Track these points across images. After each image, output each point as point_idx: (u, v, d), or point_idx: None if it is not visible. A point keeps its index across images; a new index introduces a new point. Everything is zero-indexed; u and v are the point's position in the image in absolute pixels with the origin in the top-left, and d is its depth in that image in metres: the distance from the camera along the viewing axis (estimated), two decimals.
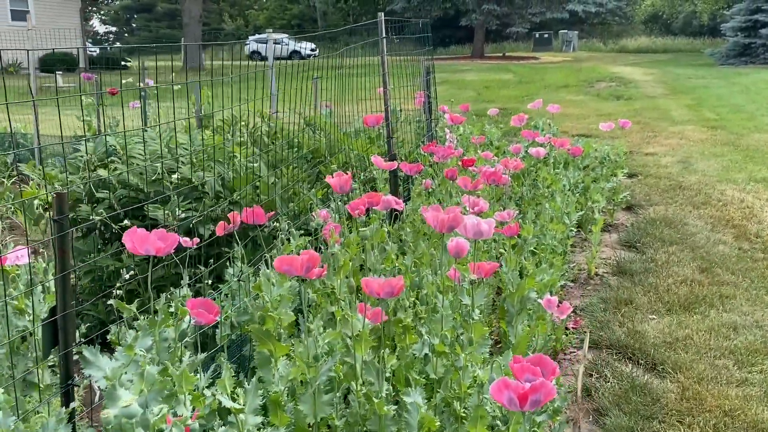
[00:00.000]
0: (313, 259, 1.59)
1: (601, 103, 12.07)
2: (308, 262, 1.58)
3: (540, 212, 3.84)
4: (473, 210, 2.75)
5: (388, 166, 2.89)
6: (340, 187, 2.16)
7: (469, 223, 1.84)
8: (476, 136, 4.91)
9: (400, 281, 1.57)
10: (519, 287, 2.36)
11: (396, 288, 1.57)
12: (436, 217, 1.77)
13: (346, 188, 2.17)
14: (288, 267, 1.58)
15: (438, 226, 1.76)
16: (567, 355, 3.18)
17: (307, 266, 1.59)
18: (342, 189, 2.17)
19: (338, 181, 2.16)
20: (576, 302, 3.77)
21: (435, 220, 1.76)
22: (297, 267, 1.58)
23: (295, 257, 1.58)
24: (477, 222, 1.83)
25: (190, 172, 3.16)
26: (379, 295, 1.57)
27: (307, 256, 1.58)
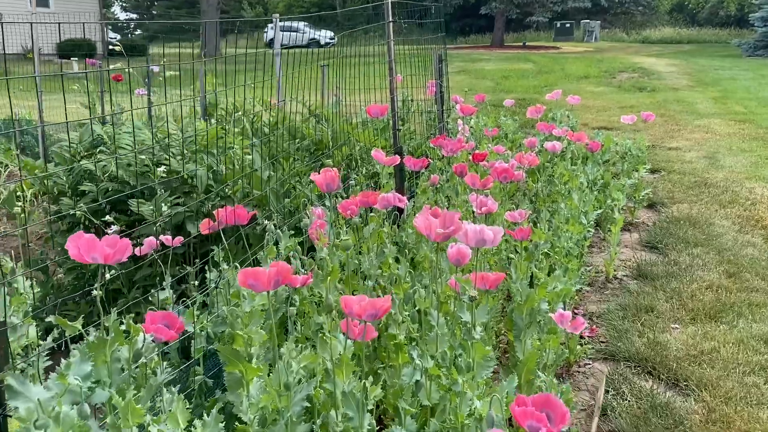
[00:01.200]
0: (283, 272, 1.38)
1: (623, 95, 11.70)
2: (277, 276, 1.36)
3: (555, 210, 3.59)
4: (481, 210, 2.52)
5: (389, 161, 2.66)
6: (326, 185, 1.94)
7: (470, 231, 1.61)
8: (490, 128, 4.66)
9: (386, 303, 1.35)
10: (528, 299, 2.13)
11: (381, 310, 1.34)
12: (429, 225, 1.54)
13: (333, 186, 1.95)
14: (253, 281, 1.37)
15: (432, 234, 1.54)
16: (581, 368, 2.94)
17: (276, 280, 1.37)
18: (329, 187, 1.95)
19: (324, 178, 1.93)
20: (592, 308, 3.52)
21: (428, 228, 1.54)
22: (263, 282, 1.36)
23: (261, 271, 1.37)
24: (479, 229, 1.60)
25: (181, 165, 2.96)
26: (361, 317, 1.34)
27: (276, 268, 1.37)
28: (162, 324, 1.59)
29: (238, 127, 4.26)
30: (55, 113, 6.78)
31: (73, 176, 3.06)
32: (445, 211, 1.61)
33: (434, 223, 1.55)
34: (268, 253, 2.12)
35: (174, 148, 3.05)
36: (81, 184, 3.05)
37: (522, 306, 2.16)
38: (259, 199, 2.87)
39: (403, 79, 5.32)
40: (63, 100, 2.14)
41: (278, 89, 5.36)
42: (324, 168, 1.97)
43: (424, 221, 1.56)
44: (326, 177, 1.93)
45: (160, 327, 1.52)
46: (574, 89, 11.96)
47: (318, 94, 5.41)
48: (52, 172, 2.97)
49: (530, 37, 32.76)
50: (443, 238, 1.56)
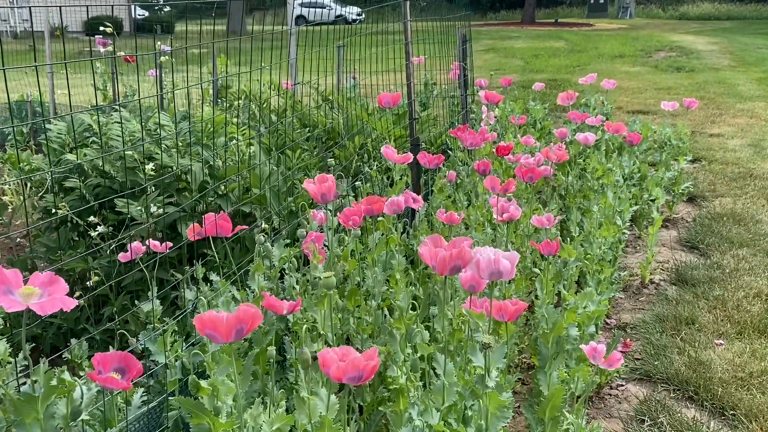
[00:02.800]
0: (246, 319, 1.11)
1: (660, 76, 11.16)
2: (238, 324, 1.10)
3: (587, 210, 3.27)
4: (503, 217, 2.22)
5: (401, 159, 2.37)
6: (321, 195, 1.66)
7: (483, 261, 1.32)
8: (517, 115, 4.31)
9: (370, 361, 1.07)
10: (555, 326, 1.84)
11: (366, 371, 1.07)
12: (434, 255, 1.26)
13: (329, 197, 1.67)
14: (211, 331, 1.11)
15: (438, 266, 1.26)
16: (613, 390, 2.64)
17: (237, 330, 1.11)
18: (324, 198, 1.67)
19: (319, 187, 1.65)
20: (626, 317, 3.20)
21: (433, 259, 1.26)
22: (222, 332, 1.10)
23: (218, 319, 1.10)
24: (494, 259, 1.31)
25: (175, 159, 2.70)
26: (341, 380, 1.07)
27: (237, 315, 1.10)
28: (117, 367, 1.34)
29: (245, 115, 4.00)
30: (72, 93, 6.60)
31: (61, 170, 2.83)
32: (454, 241, 1.32)
33: (441, 253, 1.27)
34: (255, 269, 1.86)
35: (168, 141, 2.80)
36: (67, 179, 2.82)
37: (548, 334, 1.87)
38: (258, 198, 2.61)
39: (426, 60, 5.00)
40: (82, 82, 1.92)
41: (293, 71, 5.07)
42: (320, 175, 1.69)
43: (429, 252, 1.28)
44: (321, 186, 1.65)
45: (108, 377, 1.26)
46: (608, 69, 11.47)
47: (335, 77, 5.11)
48: (36, 167, 2.74)
49: (562, 13, 31.83)
50: (452, 271, 1.28)
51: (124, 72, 6.11)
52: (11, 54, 9.89)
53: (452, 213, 2.30)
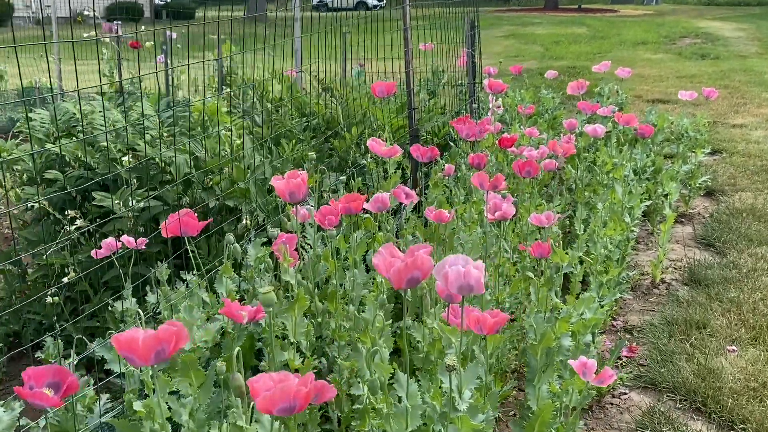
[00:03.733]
0: (168, 338, 0.99)
1: (683, 63, 10.83)
2: (159, 346, 0.98)
3: (594, 206, 3.11)
4: (494, 216, 2.07)
5: (387, 153, 2.23)
6: (289, 193, 1.53)
7: (451, 272, 1.18)
8: (526, 105, 4.14)
9: (305, 384, 0.94)
10: (543, 337, 1.70)
11: (300, 399, 0.94)
12: (389, 265, 1.12)
13: (299, 196, 1.54)
14: (127, 353, 0.99)
15: (393, 278, 1.12)
16: (615, 398, 2.49)
17: (158, 352, 0.99)
18: (293, 197, 1.54)
19: (287, 185, 1.52)
20: (633, 319, 3.04)
21: (388, 270, 1.12)
22: (140, 355, 0.98)
23: (134, 339, 0.98)
24: (464, 272, 1.17)
25: (159, 151, 2.59)
26: (270, 411, 0.95)
27: (156, 335, 0.97)
28: (50, 382, 1.23)
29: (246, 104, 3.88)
30: (80, 80, 6.53)
31: (43, 161, 2.73)
32: (412, 249, 1.19)
33: (397, 264, 1.13)
34: (223, 272, 1.74)
35: (152, 131, 2.69)
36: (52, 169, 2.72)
37: (536, 346, 1.73)
38: (243, 192, 2.49)
39: (435, 46, 4.83)
40: (93, 68, 1.86)
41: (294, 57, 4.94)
42: (291, 172, 1.56)
43: (383, 262, 1.14)
44: (290, 184, 1.52)
45: (38, 393, 1.15)
46: (629, 57, 11.18)
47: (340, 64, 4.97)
48: (17, 157, 2.65)
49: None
50: (409, 283, 1.14)
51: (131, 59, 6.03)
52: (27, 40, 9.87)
53: (441, 211, 2.16)
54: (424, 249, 1.16)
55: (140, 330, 0.99)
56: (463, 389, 1.30)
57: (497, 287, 2.20)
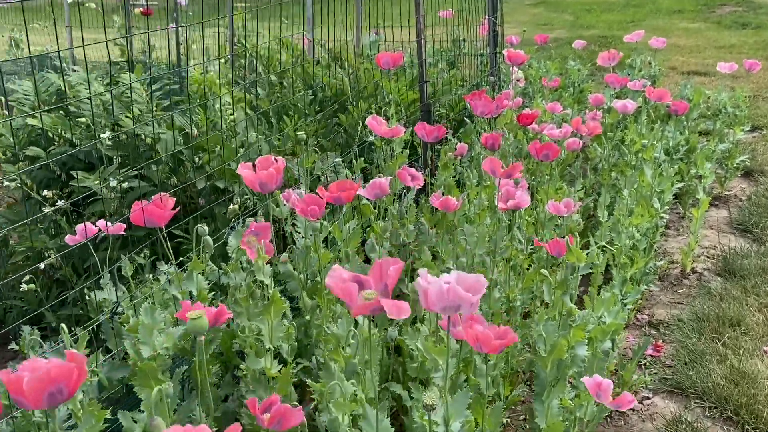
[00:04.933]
0: (63, 376, 0.80)
1: (722, 33, 10.29)
2: (52, 386, 0.79)
3: (620, 189, 2.86)
4: (506, 205, 1.85)
5: (389, 133, 2.01)
6: (260, 183, 1.32)
7: (433, 292, 0.97)
8: (551, 77, 3.86)
9: None
10: (554, 349, 1.48)
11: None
12: (344, 290, 0.91)
13: (270, 186, 1.33)
14: (15, 396, 0.80)
15: (352, 304, 0.91)
16: (637, 403, 2.27)
17: (51, 393, 0.80)
18: (264, 187, 1.33)
19: (257, 175, 1.31)
20: (660, 313, 2.81)
21: (344, 293, 0.91)
22: (30, 398, 0.79)
23: (19, 380, 0.79)
24: (447, 289, 0.96)
25: (144, 126, 2.40)
26: None
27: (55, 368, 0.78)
28: None
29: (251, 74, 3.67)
30: (89, 49, 6.36)
31: (26, 136, 2.57)
32: (379, 263, 0.98)
33: (348, 288, 0.93)
34: (192, 267, 1.56)
35: (141, 105, 2.50)
36: (36, 146, 2.56)
37: (545, 358, 1.52)
38: (233, 172, 2.30)
39: (456, 14, 4.55)
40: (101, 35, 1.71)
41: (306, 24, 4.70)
42: (264, 158, 1.36)
43: (337, 284, 0.94)
44: (261, 172, 1.31)
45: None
46: (664, 26, 10.68)
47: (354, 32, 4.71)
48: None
49: None
50: (373, 311, 0.94)
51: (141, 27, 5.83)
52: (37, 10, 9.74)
53: (448, 198, 1.94)
54: (394, 266, 0.95)
55: (41, 363, 0.81)
56: (451, 421, 1.10)
57: (508, 283, 1.98)
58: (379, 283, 1.00)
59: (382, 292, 1.00)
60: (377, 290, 1.00)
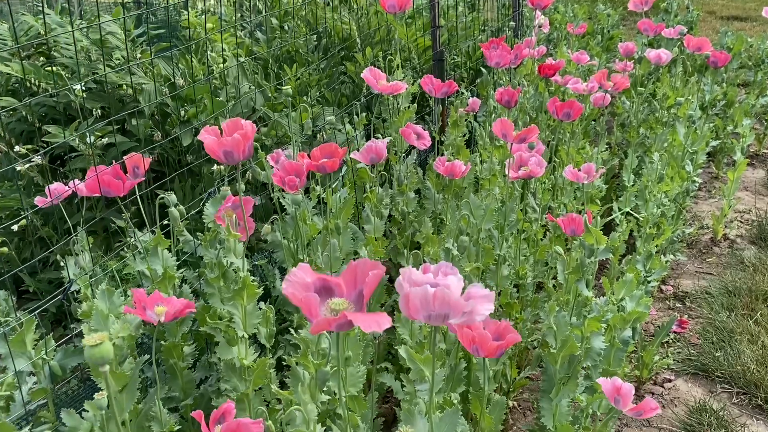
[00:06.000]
0: None
1: None
2: None
3: (649, 150, 2.61)
4: (517, 174, 1.63)
5: (388, 89, 1.78)
6: (224, 153, 1.12)
7: (416, 296, 0.78)
8: (578, 23, 3.54)
9: None
10: (565, 344, 1.29)
11: None
12: (304, 302, 0.72)
13: (237, 156, 1.13)
14: None
15: (313, 319, 0.72)
16: (657, 386, 2.09)
17: None
18: (230, 157, 1.13)
19: (221, 142, 1.10)
20: (687, 284, 2.60)
21: (304, 305, 0.72)
22: None
23: None
24: (433, 294, 0.77)
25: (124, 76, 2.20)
26: None
27: None
28: None
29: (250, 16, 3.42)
30: None
31: (3, 84, 2.38)
32: (353, 266, 0.78)
33: (307, 299, 0.73)
34: (156, 242, 1.38)
35: (121, 51, 2.29)
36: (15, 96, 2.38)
37: (555, 354, 1.33)
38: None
39: None
40: None
41: None
42: (232, 120, 1.15)
43: (294, 294, 0.75)
44: (225, 141, 1.10)
45: None
46: None
47: None
48: None
49: None
50: (339, 327, 0.75)
51: None
52: None
53: (455, 163, 1.73)
54: (373, 270, 0.75)
55: None
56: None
57: (518, 258, 1.78)
58: (352, 290, 0.81)
59: (354, 302, 0.81)
60: (349, 299, 0.81)
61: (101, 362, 0.64)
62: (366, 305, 0.78)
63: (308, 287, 0.80)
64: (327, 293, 0.82)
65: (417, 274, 0.84)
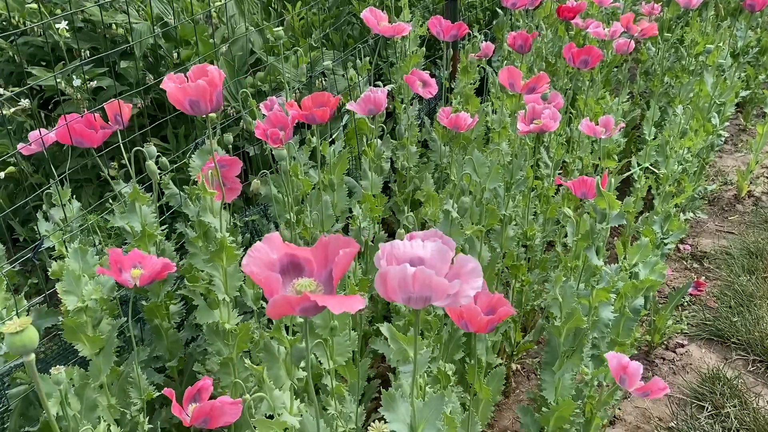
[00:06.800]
0: None
1: None
2: None
3: (673, 100, 2.45)
4: (528, 127, 1.51)
5: (390, 31, 1.64)
6: (190, 103, 1.00)
7: (393, 275, 0.68)
8: None
9: None
10: (571, 317, 1.20)
11: None
12: (265, 281, 0.62)
13: (204, 106, 1.01)
14: None
15: (274, 301, 0.63)
16: (669, 351, 2.01)
17: None
18: (196, 107, 1.00)
19: (184, 90, 0.98)
20: (706, 243, 2.48)
21: (266, 284, 0.63)
22: None
23: None
24: (413, 275, 0.67)
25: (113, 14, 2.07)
26: None
27: None
28: None
29: None
30: None
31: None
32: (326, 241, 0.69)
33: (277, 282, 0.64)
34: (133, 198, 1.28)
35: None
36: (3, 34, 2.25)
37: (559, 327, 1.23)
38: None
39: None
40: None
41: None
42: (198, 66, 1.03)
43: (255, 272, 0.65)
44: (188, 89, 0.98)
45: None
46: None
47: None
48: None
49: None
50: (303, 311, 0.65)
51: None
52: None
53: (459, 115, 1.60)
54: (346, 248, 0.65)
55: None
56: (419, 429, 0.84)
57: (527, 218, 1.67)
58: (323, 270, 0.71)
59: (324, 282, 0.71)
60: (318, 279, 0.71)
61: (23, 351, 0.56)
62: (336, 288, 0.69)
63: (273, 265, 0.71)
64: (296, 271, 0.72)
65: (399, 249, 0.74)
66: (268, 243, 0.71)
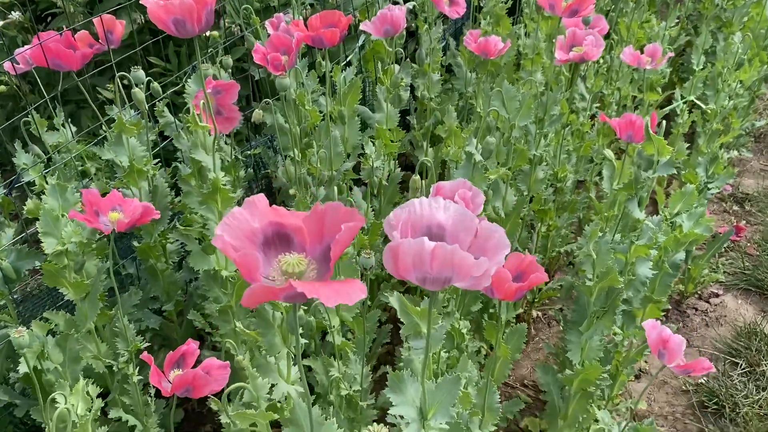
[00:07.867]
0: None
1: None
2: None
3: (726, 26, 2.22)
4: (568, 56, 1.33)
5: None
6: (174, 22, 0.83)
7: (406, 249, 0.55)
8: None
9: None
10: (606, 275, 1.06)
11: None
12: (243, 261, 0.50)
13: (191, 27, 0.85)
14: None
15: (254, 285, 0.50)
16: (702, 301, 1.88)
17: None
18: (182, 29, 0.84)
19: (168, 10, 0.82)
20: (749, 184, 2.30)
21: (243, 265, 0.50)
22: None
23: None
24: (431, 250, 0.54)
25: None
26: None
27: None
28: None
29: None
30: None
31: None
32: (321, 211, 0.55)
33: (256, 262, 0.51)
34: (119, 129, 1.15)
35: None
36: None
37: (591, 287, 1.10)
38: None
39: None
40: None
41: None
42: None
43: (229, 247, 0.52)
44: (173, 6, 0.82)
45: None
46: None
47: None
48: None
49: None
50: (287, 298, 0.53)
51: None
52: None
53: (489, 39, 1.42)
54: (348, 223, 0.52)
55: None
56: (430, 414, 0.73)
57: (558, 158, 1.51)
58: (317, 244, 0.58)
59: (319, 260, 0.58)
60: (311, 255, 0.58)
61: None
62: (332, 265, 0.55)
63: (254, 236, 0.57)
64: (284, 244, 0.59)
65: (416, 211, 0.60)
66: (249, 208, 0.58)
